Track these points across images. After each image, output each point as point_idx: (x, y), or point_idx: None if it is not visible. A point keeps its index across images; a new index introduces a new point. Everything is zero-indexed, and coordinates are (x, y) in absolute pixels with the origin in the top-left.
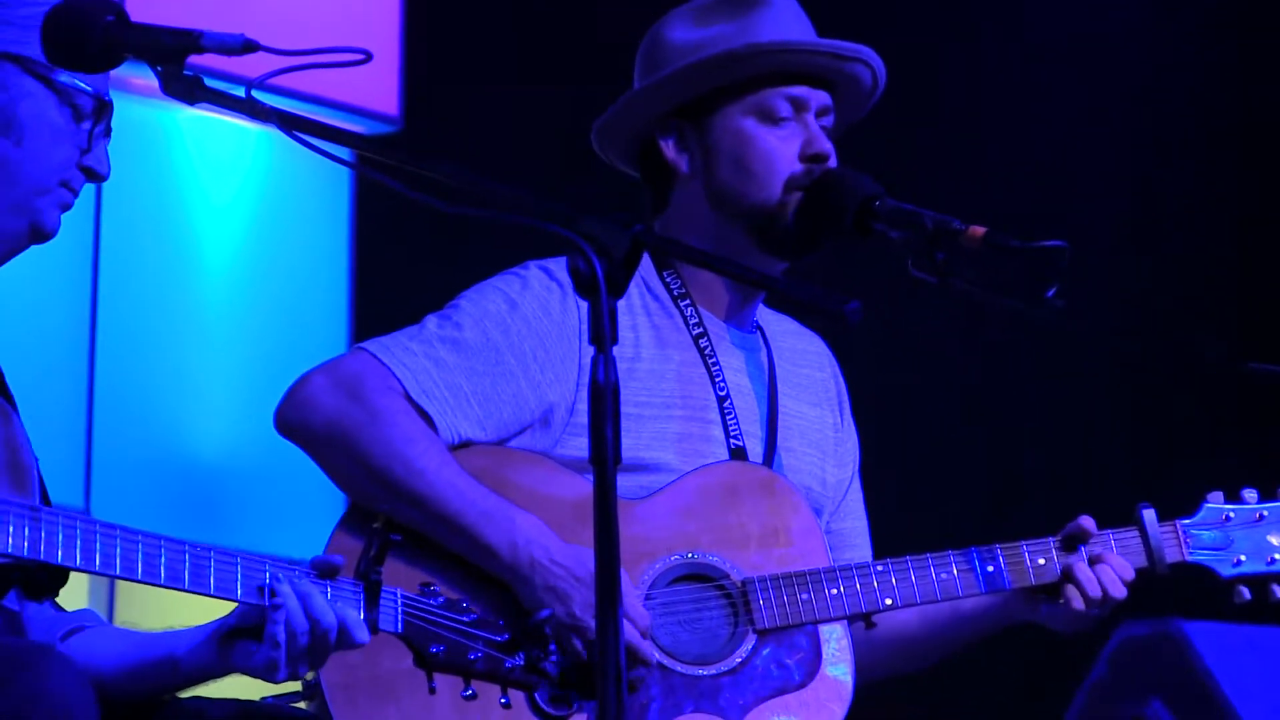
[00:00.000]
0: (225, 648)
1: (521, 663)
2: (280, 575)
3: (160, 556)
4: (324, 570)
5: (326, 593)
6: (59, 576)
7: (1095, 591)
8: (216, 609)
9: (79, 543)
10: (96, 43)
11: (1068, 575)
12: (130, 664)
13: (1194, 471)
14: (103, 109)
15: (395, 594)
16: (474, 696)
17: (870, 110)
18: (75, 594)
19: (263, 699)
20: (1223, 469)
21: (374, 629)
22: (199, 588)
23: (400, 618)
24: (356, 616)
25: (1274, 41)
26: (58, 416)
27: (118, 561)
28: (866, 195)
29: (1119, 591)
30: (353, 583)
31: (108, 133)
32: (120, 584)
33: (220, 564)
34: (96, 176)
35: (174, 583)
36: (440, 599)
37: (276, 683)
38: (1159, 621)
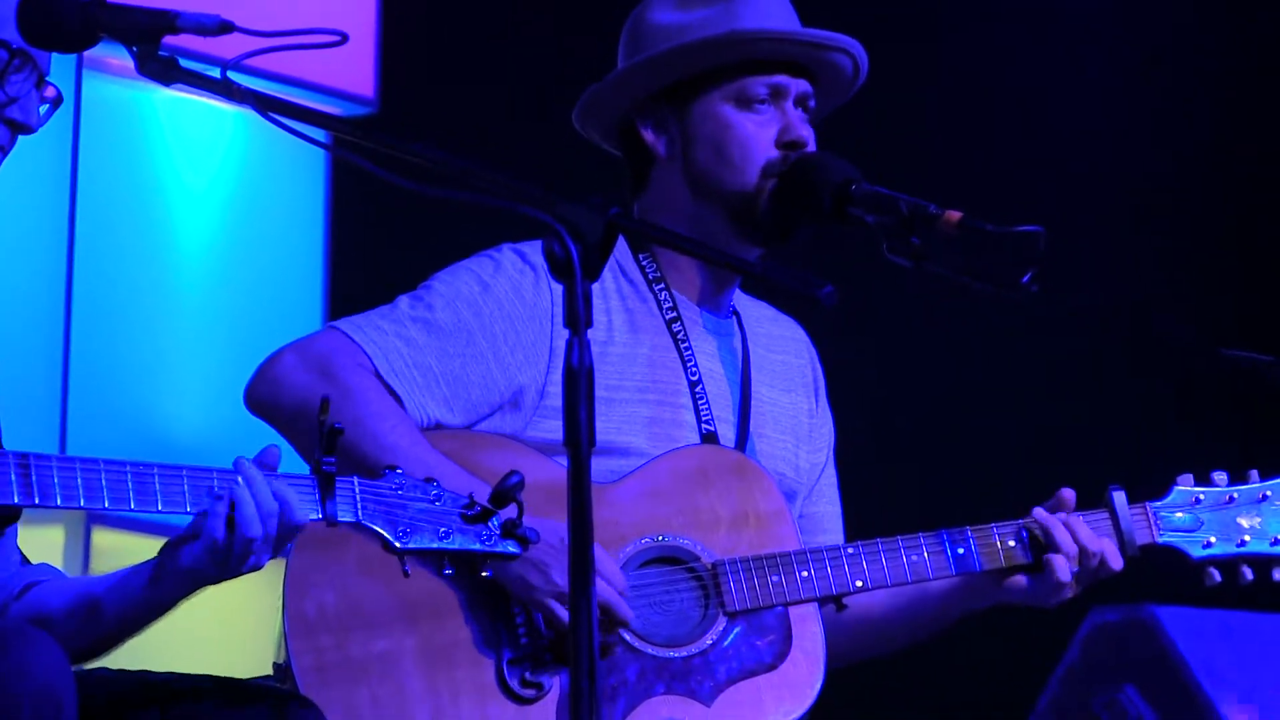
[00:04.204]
0: (169, 559)
1: (498, 531)
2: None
3: (100, 479)
4: (264, 463)
5: (271, 481)
6: (9, 510)
7: (1072, 548)
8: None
9: (12, 477)
10: (73, 22)
11: (1045, 538)
12: (73, 604)
13: (1164, 454)
14: (20, 58)
15: (351, 481)
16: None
17: (858, 94)
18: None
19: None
20: (1193, 452)
21: (332, 522)
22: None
23: (358, 505)
24: (295, 498)
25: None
26: (32, 398)
27: (56, 492)
28: (842, 179)
29: (1095, 545)
30: (307, 477)
31: (40, 83)
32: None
33: (165, 480)
34: (21, 128)
35: (119, 504)
36: (402, 479)
37: (219, 554)
38: (1131, 607)
